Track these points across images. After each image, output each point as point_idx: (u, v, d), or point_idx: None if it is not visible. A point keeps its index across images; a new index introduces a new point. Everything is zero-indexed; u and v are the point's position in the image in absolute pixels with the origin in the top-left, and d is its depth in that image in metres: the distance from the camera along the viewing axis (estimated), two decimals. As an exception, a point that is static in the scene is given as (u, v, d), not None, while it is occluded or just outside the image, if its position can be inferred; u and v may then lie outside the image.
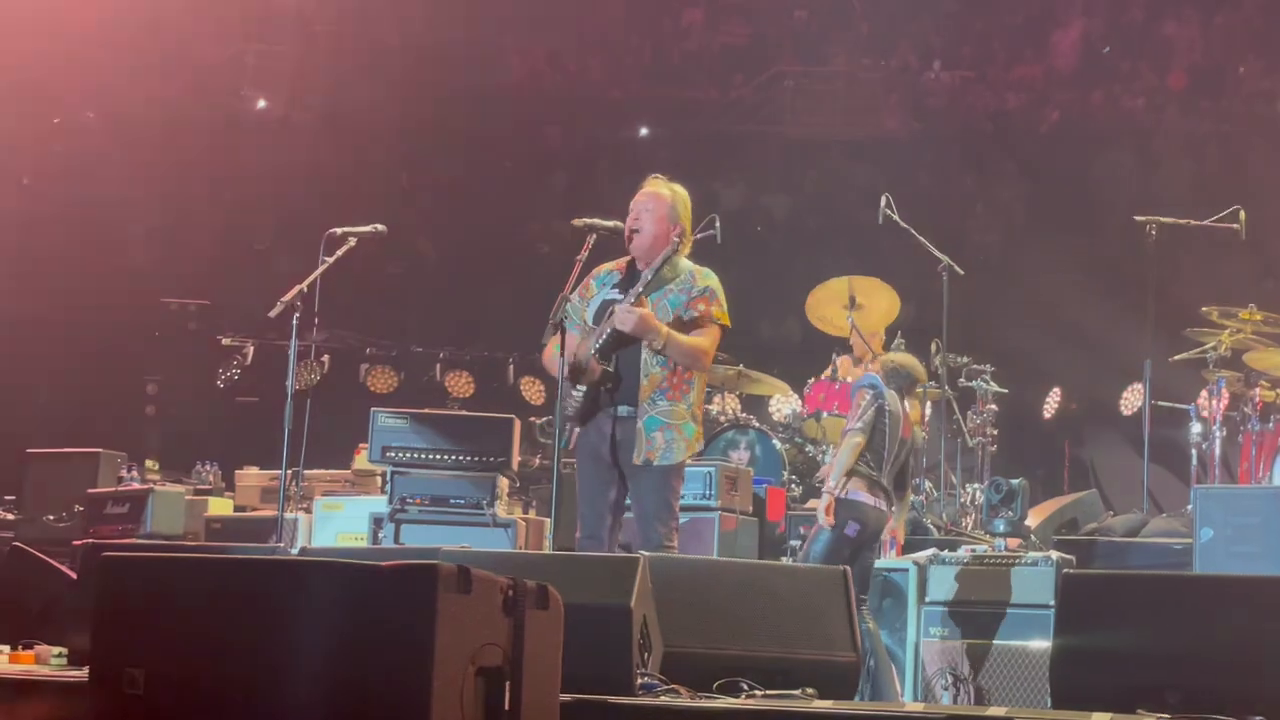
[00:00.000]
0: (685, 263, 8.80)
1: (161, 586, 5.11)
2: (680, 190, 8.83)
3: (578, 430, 8.67)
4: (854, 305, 13.25)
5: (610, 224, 8.70)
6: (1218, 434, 12.55)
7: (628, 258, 8.80)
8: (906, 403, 10.53)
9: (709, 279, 8.72)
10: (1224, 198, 13.19)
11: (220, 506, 13.06)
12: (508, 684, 5.01)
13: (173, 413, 18.19)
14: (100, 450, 13.57)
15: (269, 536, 11.08)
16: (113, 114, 18.65)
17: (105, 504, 12.62)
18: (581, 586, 6.17)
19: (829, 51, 20.83)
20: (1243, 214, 12.73)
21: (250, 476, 13.38)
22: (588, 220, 8.73)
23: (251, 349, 16.78)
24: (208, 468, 14.18)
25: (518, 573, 5.29)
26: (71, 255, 17.66)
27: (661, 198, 8.74)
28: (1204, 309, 12.92)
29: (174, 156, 18.32)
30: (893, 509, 10.34)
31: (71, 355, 17.54)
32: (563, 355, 8.48)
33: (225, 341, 17.03)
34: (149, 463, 14.62)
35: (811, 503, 12.24)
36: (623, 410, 8.57)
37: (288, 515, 11.10)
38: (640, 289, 8.41)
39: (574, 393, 8.59)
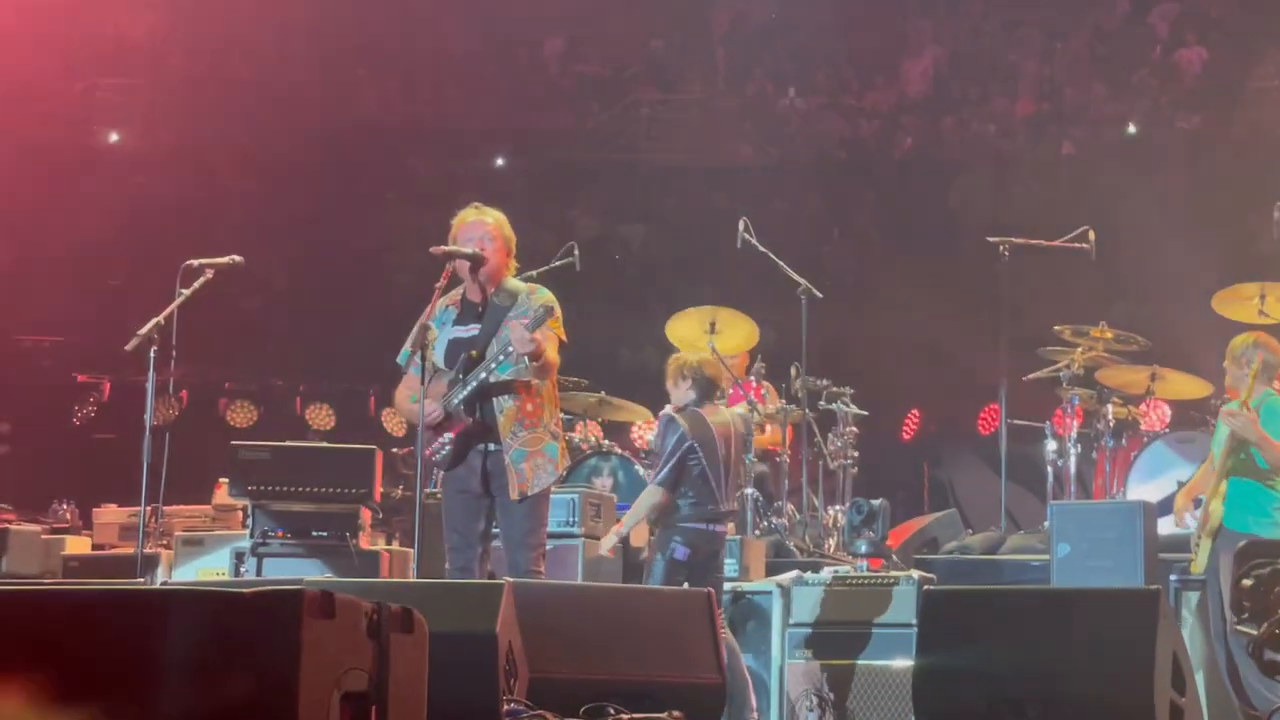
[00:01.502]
0: (514, 281, 8.90)
1: (22, 621, 5.04)
2: (502, 215, 8.92)
3: (444, 473, 8.75)
4: (714, 330, 13.32)
5: (469, 251, 8.72)
6: (1073, 451, 12.73)
7: (459, 292, 8.85)
8: (728, 411, 10.20)
9: (545, 295, 8.77)
10: (1074, 219, 13.41)
11: (78, 545, 12.88)
12: (373, 709, 4.99)
13: (27, 451, 17.92)
14: (-47, 491, 13.37)
15: (129, 574, 10.93)
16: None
17: (-41, 544, 12.42)
18: (446, 613, 6.16)
19: (685, 79, 20.97)
20: (1092, 234, 12.94)
21: (109, 514, 13.21)
22: (447, 248, 8.76)
23: (108, 385, 16.59)
24: (65, 506, 13.99)
25: (383, 600, 5.28)
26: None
27: (491, 225, 8.82)
28: (1056, 328, 13.11)
29: (25, 190, 18.07)
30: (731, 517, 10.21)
31: (-79, 395, 17.29)
32: (424, 383, 8.51)
33: (81, 378, 16.82)
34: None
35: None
36: (490, 447, 8.64)
37: (147, 552, 10.98)
38: (529, 320, 8.39)
39: (440, 439, 8.65)
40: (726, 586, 10.35)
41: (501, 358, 8.50)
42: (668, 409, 10.18)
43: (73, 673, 4.81)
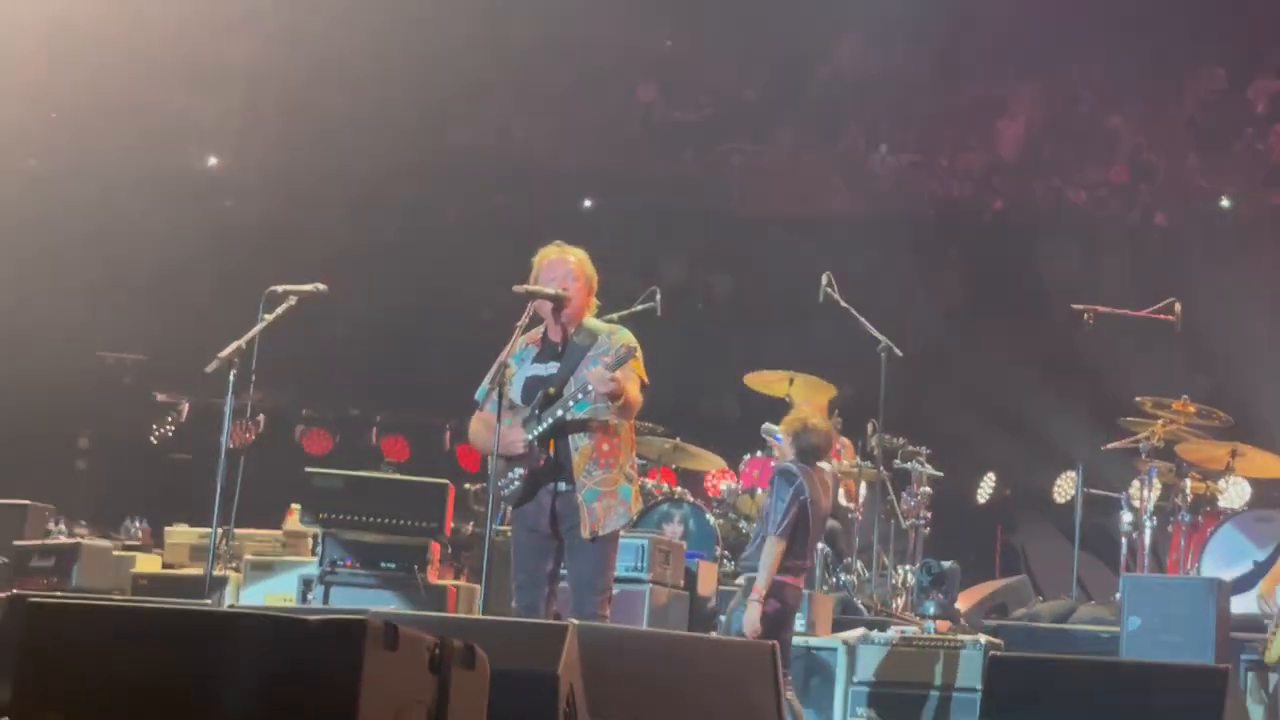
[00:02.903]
0: (595, 322, 8.89)
1: (87, 634, 5.06)
2: (583, 253, 8.92)
3: (513, 508, 8.73)
4: (792, 384, 13.32)
5: (551, 291, 8.73)
6: (1148, 523, 12.63)
7: (539, 331, 8.85)
8: (824, 466, 10.11)
9: (626, 335, 8.75)
10: (1161, 290, 13.32)
11: (148, 563, 12.95)
12: (432, 743, 4.99)
13: (104, 467, 18.06)
14: (28, 502, 13.45)
15: (196, 594, 10.97)
16: (54, 165, 18.58)
17: (31, 557, 12.50)
18: (509, 652, 6.14)
19: (777, 130, 20.96)
20: (1178, 306, 12.86)
21: (180, 534, 13.28)
22: (529, 287, 8.77)
23: (187, 406, 16.68)
24: (137, 524, 14.07)
25: (446, 635, 5.27)
26: (6, 306, 17.54)
27: (574, 263, 8.81)
28: (1138, 399, 13.01)
29: (115, 209, 18.24)
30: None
31: (3, 406, 17.40)
32: (500, 421, 8.50)
33: (160, 397, 16.93)
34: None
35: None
36: (561, 486, 8.62)
37: (216, 574, 11.02)
38: (610, 360, 8.38)
39: (510, 474, 8.63)
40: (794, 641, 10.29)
41: (580, 395, 8.49)
42: (787, 462, 9.98)
43: (135, 688, 4.83)
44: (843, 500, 13.33)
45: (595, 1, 19.97)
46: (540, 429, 8.58)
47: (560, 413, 8.53)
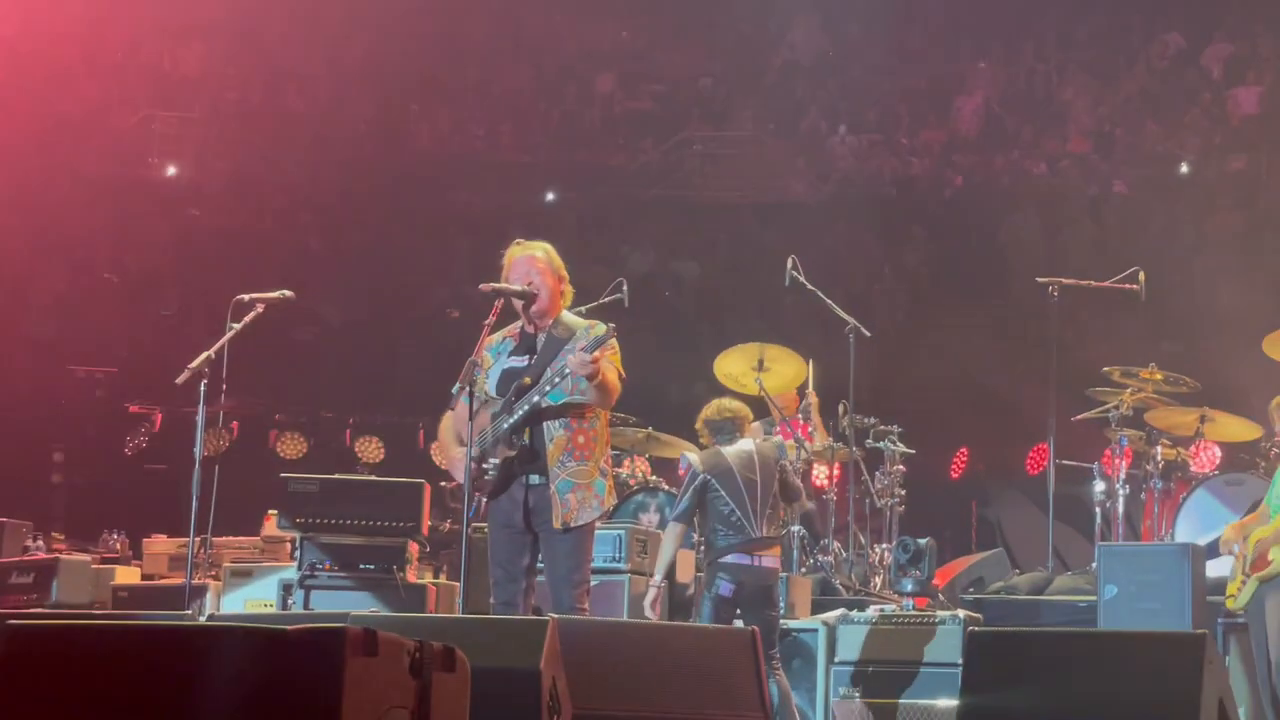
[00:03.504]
0: (571, 316, 8.93)
1: (67, 656, 5.07)
2: (549, 246, 8.96)
3: (487, 500, 8.74)
4: (761, 368, 13.32)
5: (518, 288, 8.75)
6: (1121, 492, 12.68)
7: (518, 325, 8.88)
8: (749, 441, 10.12)
9: (602, 328, 8.80)
10: (1124, 259, 13.38)
11: (127, 575, 12.95)
12: (415, 747, 5.02)
13: (79, 481, 18.03)
14: (4, 520, 13.44)
15: (177, 604, 10.99)
16: (16, 181, 18.53)
17: (10, 574, 12.50)
18: (490, 649, 6.17)
19: (736, 116, 21.01)
20: (1142, 275, 12.92)
21: (158, 544, 13.29)
22: (496, 285, 8.79)
23: (159, 416, 16.69)
24: (115, 536, 14.07)
25: (426, 636, 5.30)
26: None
27: (540, 258, 8.85)
28: (1106, 369, 13.07)
29: (80, 221, 18.23)
30: (777, 550, 10.17)
31: (-26, 424, 17.39)
32: (471, 421, 8.53)
33: (133, 409, 16.92)
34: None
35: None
36: (534, 479, 8.64)
37: (196, 583, 11.03)
38: (587, 343, 8.43)
39: (484, 467, 8.65)
40: (772, 624, 10.34)
41: (557, 380, 8.51)
42: (686, 453, 10.31)
43: (117, 707, 4.85)
44: (817, 481, 13.37)
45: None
46: (514, 418, 8.60)
47: (536, 398, 8.55)
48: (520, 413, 8.57)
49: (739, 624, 9.51)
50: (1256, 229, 17.44)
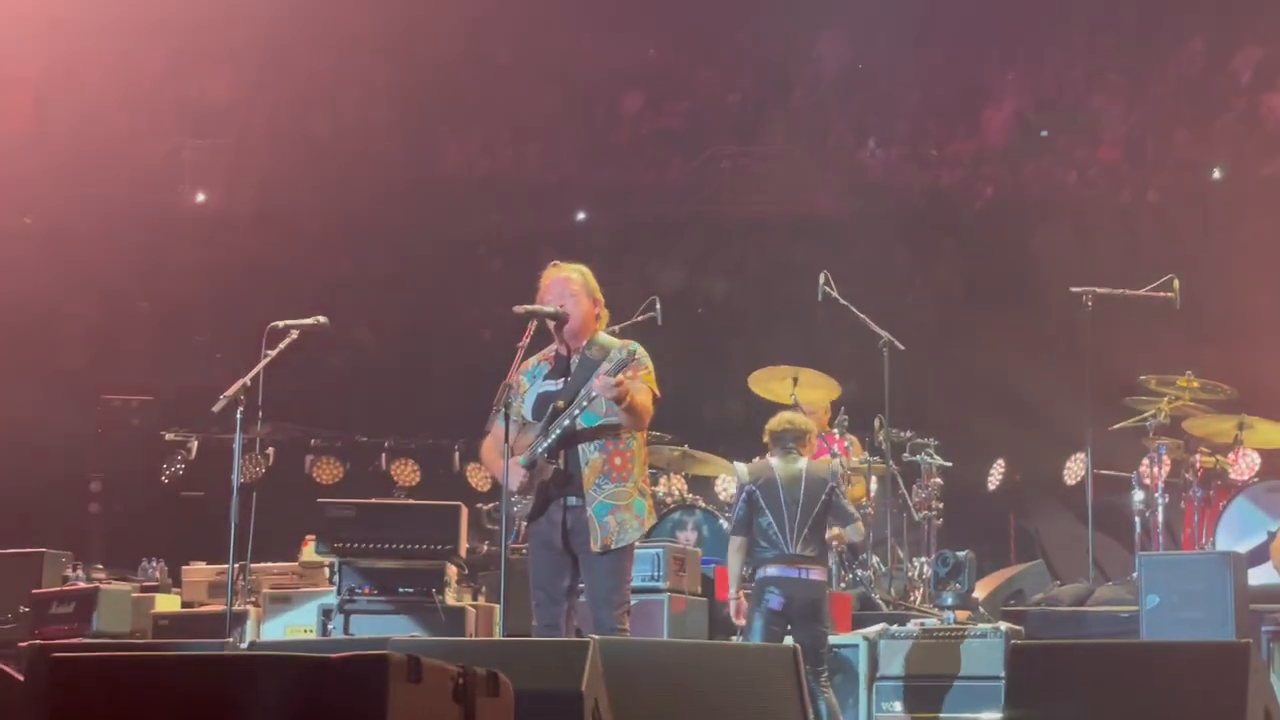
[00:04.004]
0: (606, 337, 8.94)
1: (112, 686, 5.08)
2: (585, 269, 8.98)
3: (526, 523, 8.75)
4: (796, 384, 13.33)
5: (551, 310, 8.77)
6: (1160, 501, 12.64)
7: (553, 348, 8.90)
8: (803, 460, 10.14)
9: (635, 347, 8.81)
10: (1158, 267, 13.34)
11: (167, 603, 12.98)
12: (461, 773, 5.01)
13: (117, 510, 18.06)
14: (44, 550, 13.47)
15: (217, 632, 11.00)
16: (48, 214, 18.60)
17: (51, 604, 12.53)
18: (532, 672, 6.17)
19: (765, 132, 20.98)
20: (1176, 282, 12.88)
21: (197, 572, 13.31)
22: (529, 307, 8.81)
23: (195, 444, 16.71)
24: (154, 564, 14.09)
25: (468, 660, 5.30)
26: (8, 357, 17.55)
27: (575, 280, 8.87)
28: (1142, 377, 13.04)
29: (111, 254, 18.28)
30: (823, 567, 10.17)
31: (12, 455, 17.40)
32: (506, 442, 8.55)
33: (169, 437, 16.95)
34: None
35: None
36: (571, 501, 8.65)
37: (236, 610, 11.04)
38: (610, 366, 8.45)
39: (514, 500, 8.67)
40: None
41: (586, 404, 8.52)
42: (738, 465, 10.39)
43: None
44: (854, 496, 13.35)
45: (576, 15, 20.01)
46: (548, 442, 8.61)
47: (567, 422, 8.56)
48: (553, 436, 8.59)
49: (789, 639, 9.49)
50: (1291, 234, 17.36)
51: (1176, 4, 20.02)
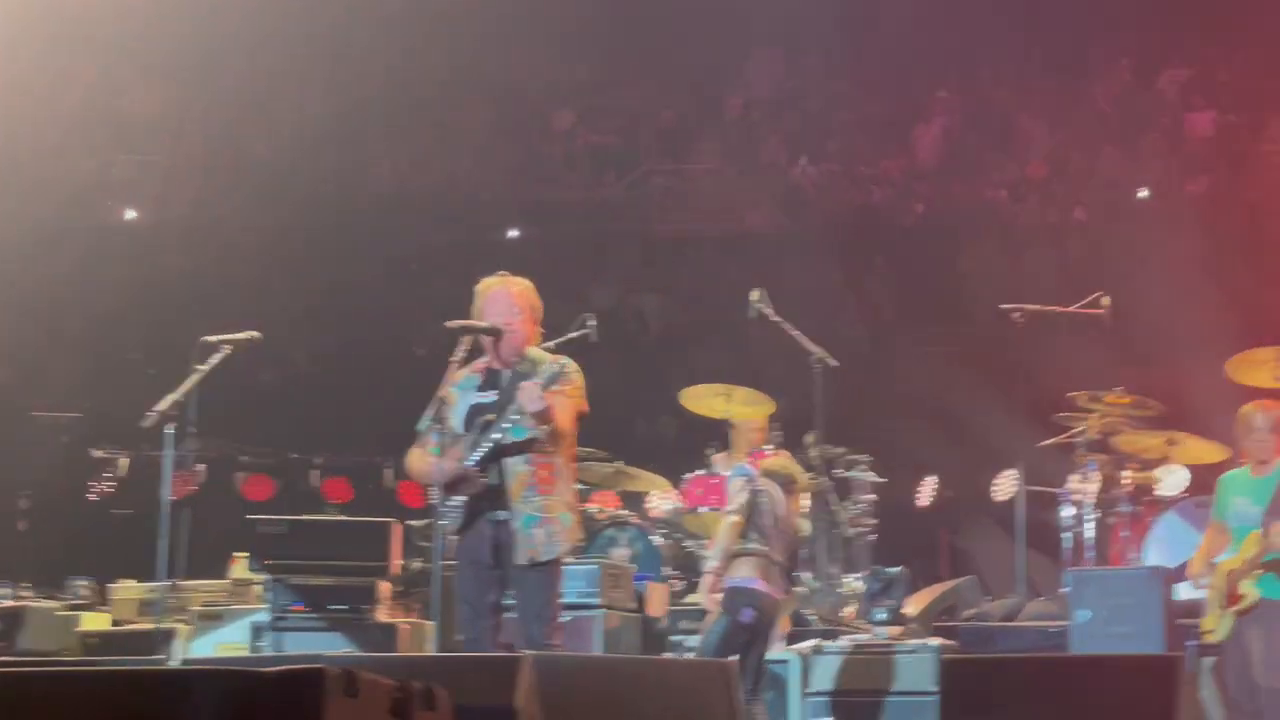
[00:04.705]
0: (537, 351, 8.95)
1: (39, 703, 5.03)
2: (529, 284, 8.98)
3: (454, 537, 8.73)
4: (730, 400, 13.36)
5: (485, 325, 8.76)
6: (1090, 517, 12.71)
7: (484, 361, 8.88)
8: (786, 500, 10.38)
9: (566, 363, 8.82)
10: (1088, 284, 13.42)
11: (96, 621, 12.88)
12: (397, 789, 4.99)
13: (45, 527, 17.92)
14: (-30, 568, 13.37)
15: (147, 650, 10.93)
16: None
17: (-24, 622, 12.41)
18: (466, 688, 6.16)
19: (697, 149, 21.03)
20: (1106, 299, 12.96)
21: (127, 589, 13.21)
22: (462, 322, 8.79)
23: (125, 460, 16.60)
24: (82, 582, 13.98)
25: (401, 675, 5.28)
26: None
27: (521, 296, 8.86)
28: (1072, 394, 13.11)
29: (41, 267, 18.14)
30: (786, 594, 10.25)
31: (-61, 472, 17.28)
32: (440, 457, 8.53)
33: (98, 454, 16.83)
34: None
35: (691, 597, 12.26)
36: (499, 514, 8.64)
37: (166, 627, 10.98)
38: (541, 380, 8.45)
39: (450, 502, 8.65)
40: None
41: (516, 418, 8.51)
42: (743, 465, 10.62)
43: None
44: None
45: (509, 33, 20.02)
46: (479, 454, 8.60)
47: (498, 435, 8.56)
48: (484, 449, 8.58)
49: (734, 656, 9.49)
50: (1217, 251, 17.49)
51: (1104, 25, 20.19)
